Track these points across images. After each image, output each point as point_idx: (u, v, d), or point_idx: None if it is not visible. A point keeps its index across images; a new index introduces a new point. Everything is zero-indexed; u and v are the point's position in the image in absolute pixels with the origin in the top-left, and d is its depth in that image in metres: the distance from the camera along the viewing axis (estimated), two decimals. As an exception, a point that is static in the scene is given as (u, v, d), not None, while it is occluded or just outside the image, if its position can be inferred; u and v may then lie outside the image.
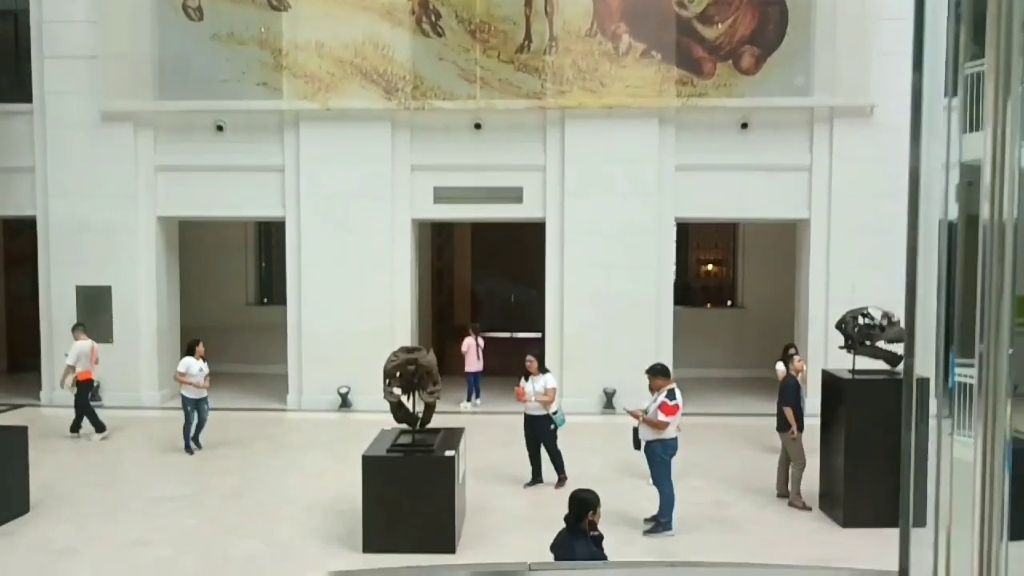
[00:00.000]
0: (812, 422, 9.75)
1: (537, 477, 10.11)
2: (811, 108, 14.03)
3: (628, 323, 14.23)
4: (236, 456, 11.46)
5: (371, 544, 7.90)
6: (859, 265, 14.08)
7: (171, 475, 10.62)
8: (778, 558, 7.98)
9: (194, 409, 11.64)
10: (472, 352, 15.24)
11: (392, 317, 14.50)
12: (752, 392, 15.89)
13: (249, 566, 7.70)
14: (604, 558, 4.85)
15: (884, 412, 8.64)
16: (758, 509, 9.39)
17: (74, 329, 12.95)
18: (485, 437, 12.50)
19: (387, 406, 13.77)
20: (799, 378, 10.00)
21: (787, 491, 9.54)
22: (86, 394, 12.62)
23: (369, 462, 7.96)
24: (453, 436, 8.63)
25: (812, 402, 11.54)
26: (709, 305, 18.68)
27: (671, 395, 8.45)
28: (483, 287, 23.42)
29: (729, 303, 18.52)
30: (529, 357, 10.27)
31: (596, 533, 4.99)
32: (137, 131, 14.56)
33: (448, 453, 8.01)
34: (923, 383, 2.34)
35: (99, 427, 12.38)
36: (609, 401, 14.20)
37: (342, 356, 14.38)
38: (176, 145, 14.63)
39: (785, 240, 16.01)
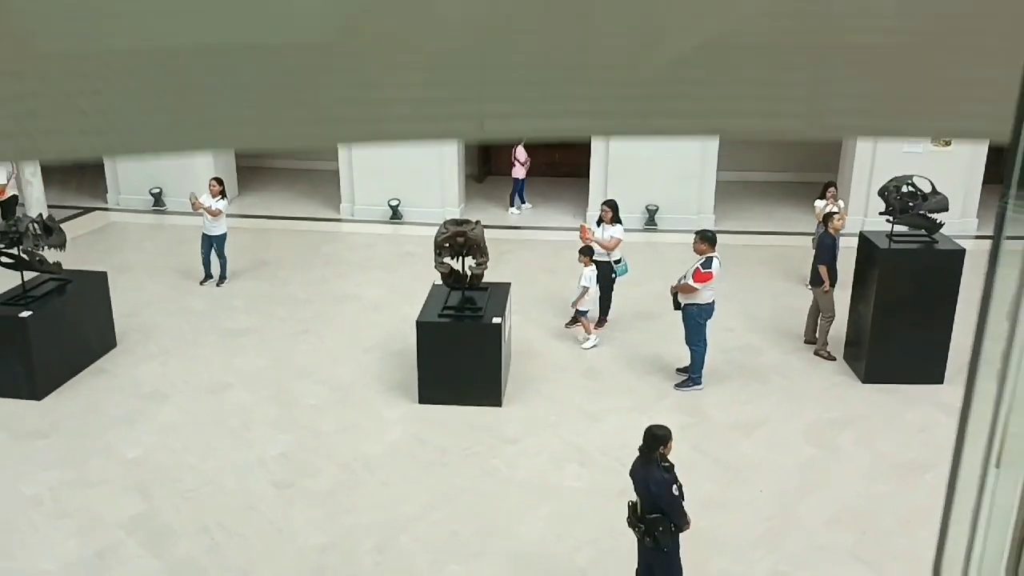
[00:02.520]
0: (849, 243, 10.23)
1: (576, 319, 10.70)
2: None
3: (672, 142, 14.21)
4: (296, 281, 12.18)
5: (425, 397, 8.73)
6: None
7: (239, 303, 11.42)
8: (800, 413, 8.70)
9: (208, 247, 11.79)
10: (521, 162, 15.52)
11: (439, 130, 14.63)
12: (793, 200, 16.06)
13: (318, 413, 8.60)
14: (678, 483, 5.45)
15: (916, 279, 9.03)
16: (784, 356, 10.00)
17: None
18: (528, 260, 13.10)
19: (435, 219, 14.41)
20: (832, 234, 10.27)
21: (815, 339, 10.09)
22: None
23: (423, 327, 8.60)
24: (500, 295, 9.16)
25: (854, 221, 11.88)
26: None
27: (707, 263, 8.78)
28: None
29: (780, 105, 18.14)
30: (604, 207, 10.51)
31: (667, 463, 5.53)
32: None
33: (495, 320, 8.60)
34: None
35: None
36: (651, 218, 14.54)
37: (391, 168, 14.72)
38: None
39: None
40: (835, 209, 11.57)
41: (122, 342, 10.08)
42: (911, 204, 9.02)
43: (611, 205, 10.51)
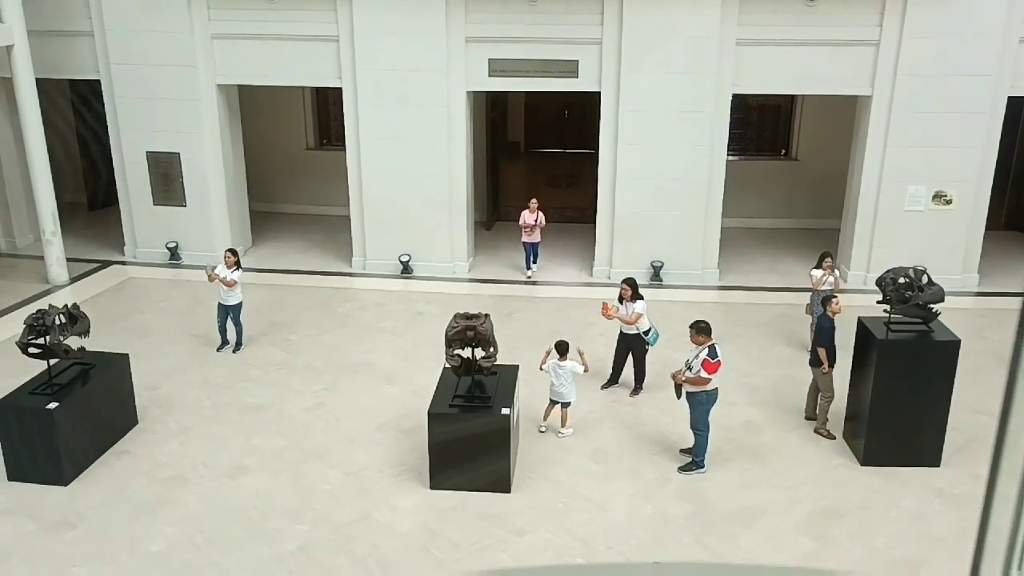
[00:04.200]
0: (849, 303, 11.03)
1: (614, 380, 11.27)
2: (886, -19, 13.33)
3: (678, 200, 14.52)
4: (310, 347, 12.51)
5: (437, 482, 9.05)
6: (919, 143, 13.97)
7: (256, 372, 11.73)
8: (799, 500, 8.98)
9: (224, 315, 12.13)
10: (529, 226, 15.00)
11: (449, 188, 14.94)
12: (796, 250, 16.34)
13: (333, 501, 8.92)
14: None
15: (913, 368, 9.30)
16: (785, 434, 10.28)
17: None
18: (536, 320, 13.40)
19: (445, 273, 14.80)
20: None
21: (815, 415, 10.38)
22: None
23: (434, 418, 8.91)
24: (508, 379, 9.46)
25: (856, 276, 12.26)
26: (760, 155, 18.54)
27: (712, 352, 9.03)
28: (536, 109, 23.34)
29: (783, 152, 18.42)
30: (624, 285, 10.89)
31: None
32: (190, -2, 14.45)
33: (504, 411, 8.90)
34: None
35: None
36: (656, 274, 14.82)
37: (402, 224, 15.07)
38: (230, 13, 14.52)
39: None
40: (831, 278, 11.89)
41: (143, 419, 10.43)
42: (908, 294, 9.28)
43: (630, 283, 10.88)
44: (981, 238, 14.62)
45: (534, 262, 15.43)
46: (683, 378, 9.13)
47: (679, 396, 9.35)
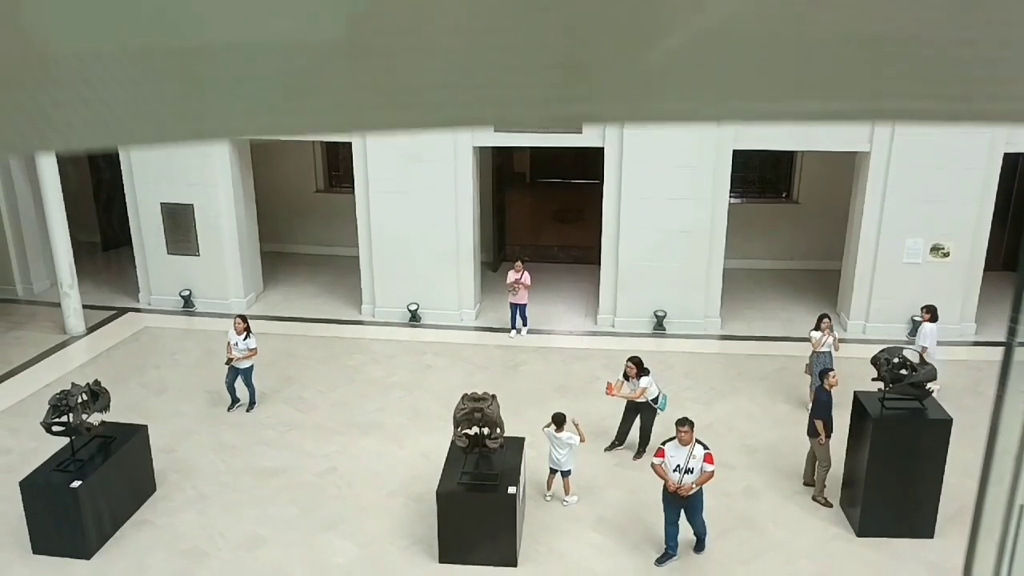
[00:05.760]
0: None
1: (619, 442, 11.57)
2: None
3: (681, 251, 14.83)
4: (322, 405, 12.85)
5: (446, 556, 9.39)
6: (917, 198, 14.25)
7: (269, 434, 12.06)
8: (796, 573, 9.29)
9: (233, 376, 12.46)
10: (512, 282, 14.83)
11: (456, 240, 15.27)
12: (797, 294, 16.64)
13: None
14: None
15: (907, 445, 9.61)
16: (783, 500, 10.58)
17: None
18: (541, 374, 13.71)
19: (452, 321, 15.09)
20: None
21: (813, 481, 10.68)
22: None
23: (443, 497, 9.25)
24: (515, 453, 9.78)
25: (855, 326, 12.50)
26: (762, 197, 18.79)
27: (705, 445, 9.32)
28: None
29: (784, 195, 18.69)
30: (629, 363, 11.16)
31: None
32: (203, 56, 14.76)
33: (510, 490, 9.24)
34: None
35: None
36: (659, 323, 15.14)
37: (410, 274, 15.41)
38: (241, 70, 14.85)
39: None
40: (830, 339, 12.18)
41: (161, 485, 10.78)
42: (902, 373, 9.58)
43: (636, 362, 11.16)
44: (978, 288, 14.88)
45: (514, 327, 15.22)
46: (691, 487, 9.20)
47: (686, 496, 9.41)
